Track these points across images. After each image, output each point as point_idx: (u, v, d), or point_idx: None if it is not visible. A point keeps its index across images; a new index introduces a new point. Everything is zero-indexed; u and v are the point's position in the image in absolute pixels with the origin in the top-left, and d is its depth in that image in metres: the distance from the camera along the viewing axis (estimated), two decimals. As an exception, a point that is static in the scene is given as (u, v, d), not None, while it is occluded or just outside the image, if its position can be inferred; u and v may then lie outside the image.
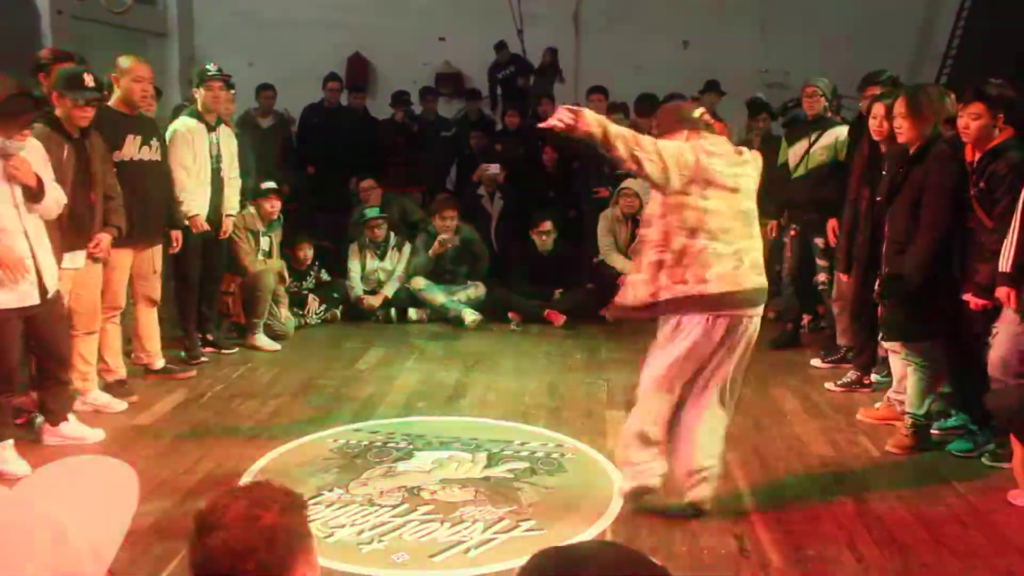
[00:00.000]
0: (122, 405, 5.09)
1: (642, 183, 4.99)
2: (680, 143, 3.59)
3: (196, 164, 5.89)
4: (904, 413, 4.63)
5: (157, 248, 5.57)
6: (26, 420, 4.64)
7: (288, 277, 7.15)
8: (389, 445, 4.56)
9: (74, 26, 8.93)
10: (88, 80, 4.63)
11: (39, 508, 1.16)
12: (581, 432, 4.79)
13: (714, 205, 3.52)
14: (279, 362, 6.24)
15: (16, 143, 4.04)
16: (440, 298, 7.45)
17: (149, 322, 5.65)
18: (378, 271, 7.66)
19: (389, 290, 7.57)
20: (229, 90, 6.59)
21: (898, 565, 3.36)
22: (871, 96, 5.54)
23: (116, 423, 4.86)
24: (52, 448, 4.41)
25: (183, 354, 6.07)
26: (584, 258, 7.82)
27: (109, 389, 5.19)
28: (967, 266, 4.33)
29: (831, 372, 5.85)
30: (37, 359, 4.50)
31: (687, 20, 10.65)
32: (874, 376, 5.55)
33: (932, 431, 4.62)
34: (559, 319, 7.33)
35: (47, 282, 4.21)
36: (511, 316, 7.39)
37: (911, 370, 4.55)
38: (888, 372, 5.23)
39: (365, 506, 3.83)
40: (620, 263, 7.21)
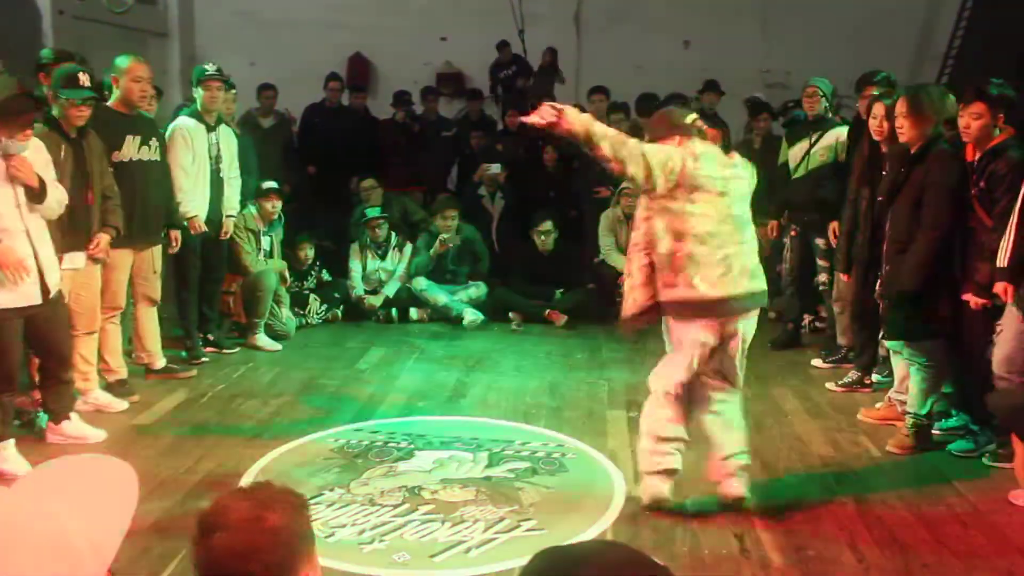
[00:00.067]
0: (123, 405, 5.10)
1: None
2: (667, 147, 3.57)
3: (195, 164, 5.88)
4: (905, 413, 4.63)
5: (157, 248, 5.57)
6: (27, 419, 4.65)
7: (289, 277, 7.16)
8: (390, 445, 4.56)
9: (75, 26, 8.94)
10: (84, 79, 4.63)
11: (38, 506, 1.15)
12: (582, 432, 4.80)
13: (700, 209, 3.51)
14: (280, 362, 6.24)
15: (18, 143, 4.04)
16: (442, 298, 7.45)
17: (149, 322, 5.65)
18: (379, 271, 7.66)
19: (390, 290, 7.58)
20: (230, 90, 6.60)
21: (899, 565, 3.36)
22: (869, 96, 5.55)
23: (117, 423, 4.86)
24: (54, 447, 4.42)
25: (184, 354, 6.07)
26: (585, 258, 7.82)
27: (110, 389, 5.19)
28: (967, 265, 4.33)
29: (832, 372, 5.85)
30: (38, 359, 4.51)
31: (688, 20, 10.66)
32: (875, 376, 5.55)
33: (933, 431, 4.62)
34: (560, 319, 7.33)
35: (49, 282, 4.21)
36: (512, 316, 7.40)
37: (914, 370, 4.55)
38: (889, 372, 5.23)
39: (366, 506, 3.83)
40: (621, 263, 7.18)
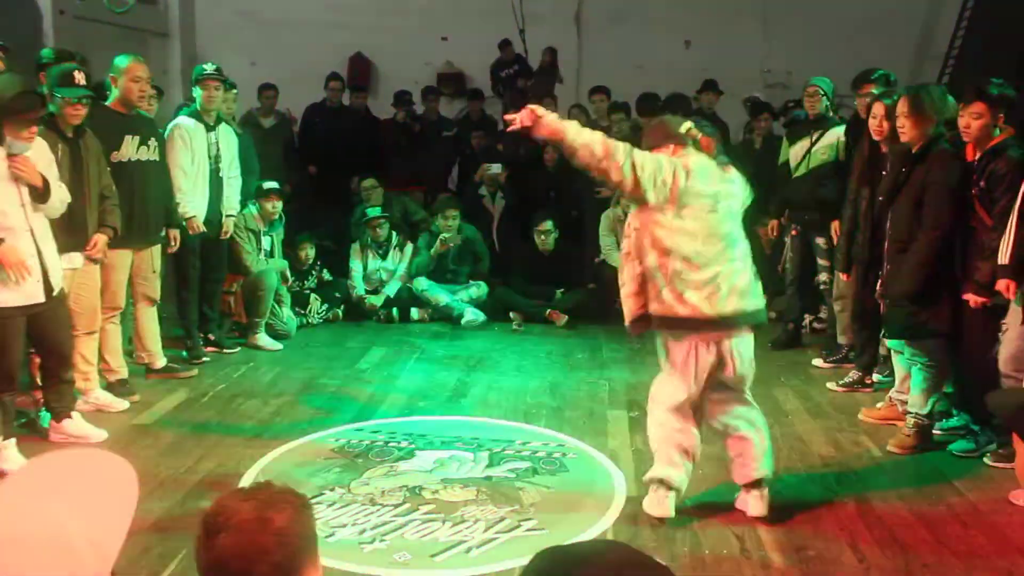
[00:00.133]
0: (124, 404, 5.10)
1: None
2: (660, 157, 3.54)
3: (194, 164, 5.87)
4: (906, 413, 4.63)
5: (156, 248, 5.56)
6: (28, 419, 4.66)
7: (290, 276, 7.16)
8: (391, 444, 4.56)
9: (76, 26, 8.94)
10: (79, 78, 4.62)
11: (35, 505, 1.11)
12: (583, 432, 4.80)
13: (690, 226, 3.46)
14: (281, 362, 6.24)
15: (23, 142, 4.05)
16: (443, 298, 7.45)
17: (149, 322, 5.64)
18: (380, 271, 7.66)
19: (391, 290, 7.57)
20: (230, 90, 6.59)
21: (899, 565, 3.36)
22: (866, 94, 5.55)
23: (118, 422, 4.87)
24: (56, 447, 4.41)
25: (185, 353, 6.07)
26: (585, 258, 7.82)
27: (111, 389, 5.19)
28: (968, 265, 4.33)
29: (833, 372, 5.85)
30: (39, 357, 4.51)
31: (688, 20, 10.66)
32: (876, 376, 5.55)
33: (934, 431, 4.62)
34: (560, 319, 7.33)
35: (53, 280, 4.23)
36: (513, 316, 7.40)
37: (916, 369, 4.54)
38: (890, 372, 5.23)
39: (367, 505, 3.83)
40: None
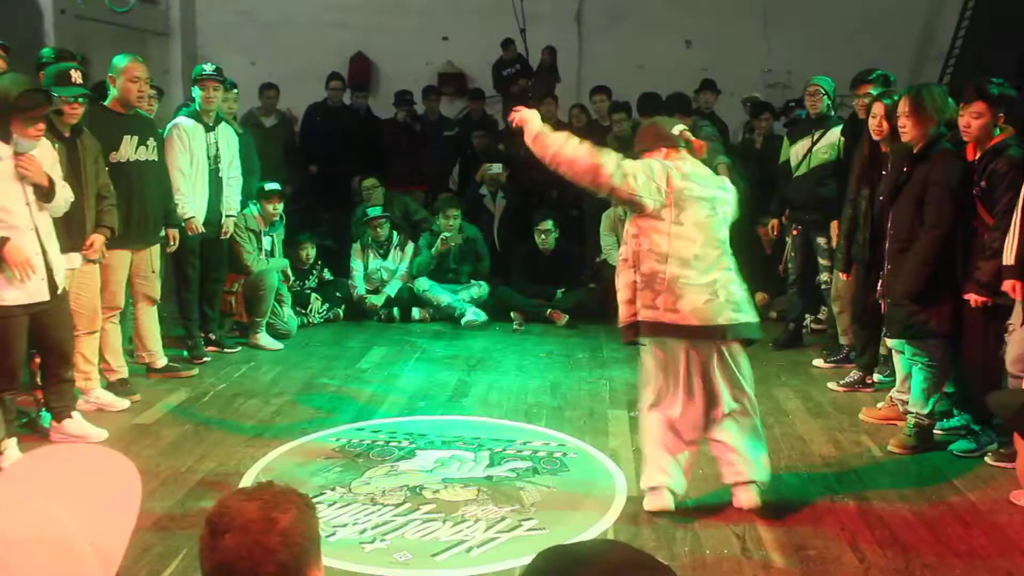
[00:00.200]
0: (124, 403, 5.10)
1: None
2: (650, 161, 3.53)
3: (194, 165, 5.85)
4: (907, 413, 4.62)
5: (155, 248, 5.54)
6: (30, 419, 4.66)
7: (291, 275, 7.16)
8: (391, 444, 4.56)
9: (77, 25, 8.95)
10: (76, 77, 4.62)
11: (33, 502, 1.04)
12: (583, 431, 4.79)
13: (689, 230, 3.45)
14: (281, 361, 6.24)
15: (30, 139, 4.06)
16: (445, 298, 7.45)
17: (149, 321, 5.64)
18: (381, 270, 7.66)
19: (392, 289, 7.57)
20: (231, 90, 6.59)
21: (900, 565, 3.36)
22: (864, 94, 5.55)
23: (118, 422, 4.86)
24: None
25: (186, 353, 6.07)
26: (586, 257, 7.82)
27: (111, 388, 5.19)
28: (969, 264, 4.33)
29: (833, 372, 5.85)
30: (40, 356, 4.51)
31: (689, 20, 10.66)
32: (877, 376, 5.55)
33: (935, 431, 4.62)
34: (561, 318, 7.33)
35: (57, 279, 4.25)
36: (513, 315, 7.40)
37: (917, 369, 4.54)
38: (891, 372, 5.23)
39: (367, 505, 3.83)
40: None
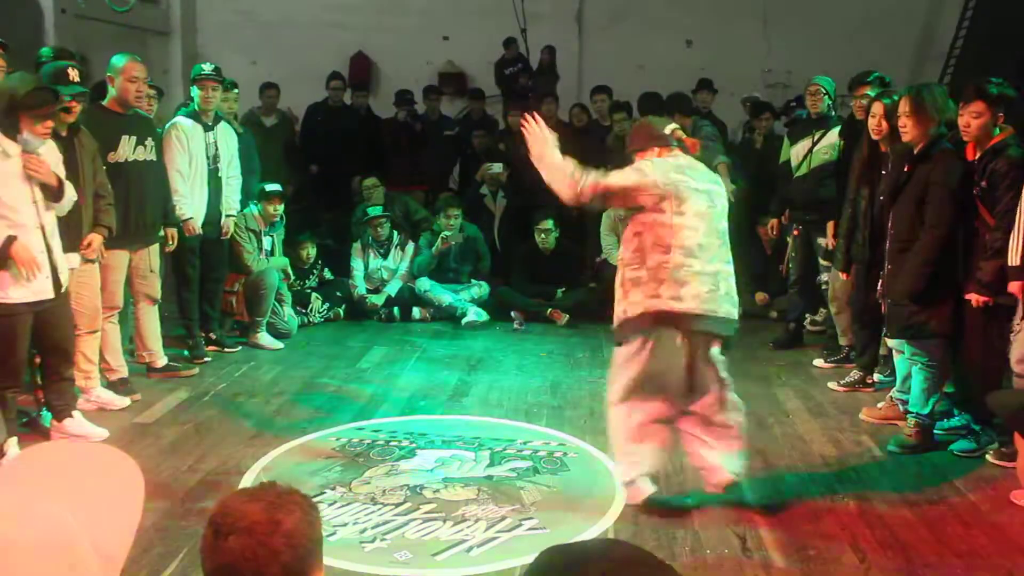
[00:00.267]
0: (125, 401, 5.10)
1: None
2: (641, 165, 3.54)
3: (193, 165, 5.83)
4: (907, 412, 4.62)
5: (153, 247, 5.52)
6: (30, 418, 4.66)
7: (291, 274, 7.16)
8: (391, 444, 4.56)
9: (77, 24, 8.95)
10: (73, 75, 4.61)
11: (31, 500, 0.99)
12: (584, 431, 4.79)
13: (690, 222, 3.47)
14: (282, 361, 6.24)
15: (39, 137, 4.08)
16: (446, 298, 7.45)
17: (150, 321, 5.63)
18: (381, 270, 7.65)
19: (392, 289, 7.57)
20: (231, 89, 6.58)
21: (900, 565, 3.36)
22: (862, 96, 5.55)
23: (118, 421, 4.86)
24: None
25: (186, 352, 6.07)
26: (587, 257, 7.82)
27: (111, 388, 5.18)
28: (970, 264, 4.33)
29: (834, 372, 5.85)
30: (41, 355, 4.51)
31: (689, 19, 10.66)
32: (877, 376, 5.54)
33: (935, 431, 4.62)
34: (562, 318, 7.33)
35: (61, 277, 4.27)
36: (514, 315, 7.39)
37: (917, 369, 4.54)
38: (891, 372, 5.22)
39: (367, 504, 3.83)
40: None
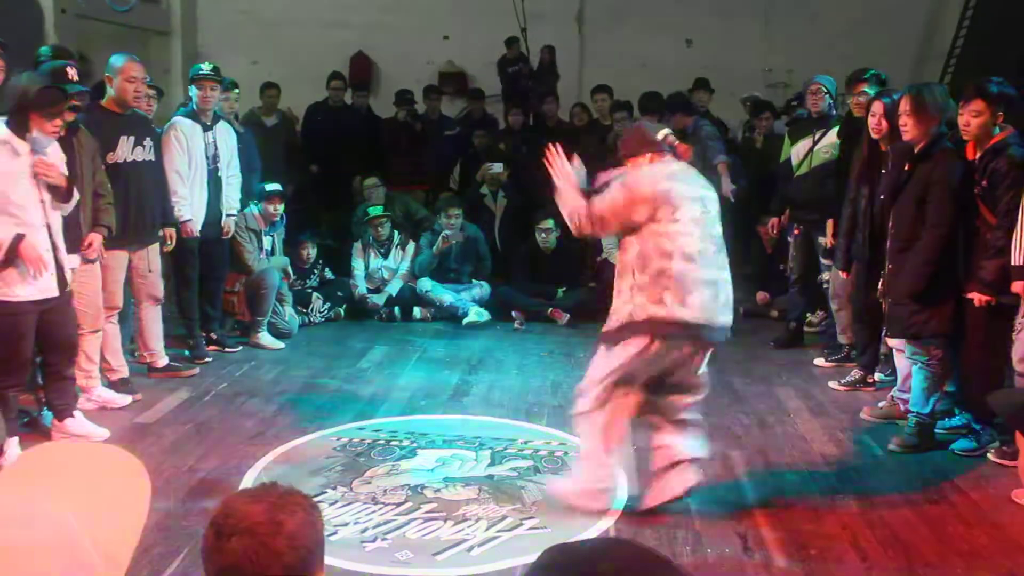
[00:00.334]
0: (126, 400, 5.10)
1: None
2: (626, 189, 3.54)
3: (192, 165, 5.81)
4: (908, 412, 4.62)
5: (153, 247, 5.50)
6: (31, 418, 4.66)
7: (292, 273, 7.15)
8: (392, 443, 4.56)
9: (78, 24, 8.94)
10: (72, 74, 4.61)
11: (34, 501, 0.97)
12: (584, 431, 4.78)
13: (687, 227, 3.47)
14: (283, 360, 6.24)
15: (49, 136, 4.09)
16: (447, 298, 7.44)
17: (152, 320, 5.63)
18: (382, 269, 7.65)
19: (393, 289, 7.57)
20: (231, 89, 6.57)
21: (901, 564, 3.36)
22: (859, 93, 5.55)
23: (119, 421, 4.86)
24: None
25: (187, 352, 6.06)
26: (587, 256, 7.81)
27: (112, 388, 5.18)
28: (972, 263, 4.33)
29: (835, 371, 5.84)
30: (43, 354, 4.51)
31: (690, 19, 10.67)
32: (878, 375, 5.54)
33: (936, 430, 4.61)
34: (562, 317, 7.33)
35: (66, 275, 4.29)
36: (514, 314, 7.39)
37: (917, 368, 4.54)
38: (892, 371, 5.22)
39: (368, 504, 3.83)
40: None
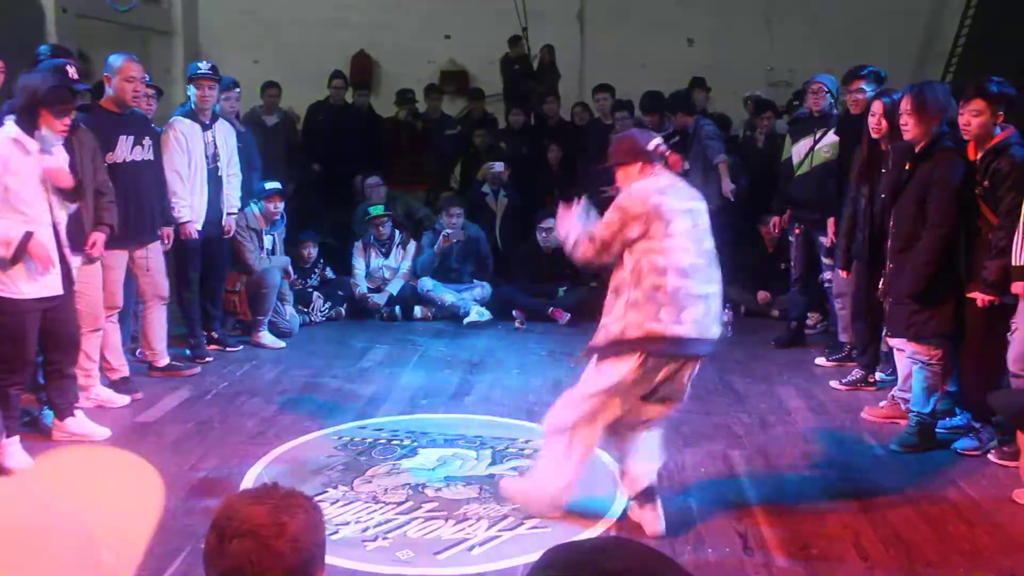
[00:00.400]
0: (125, 399, 5.10)
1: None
2: (621, 212, 3.51)
3: (192, 165, 5.80)
4: (909, 411, 4.62)
5: (153, 246, 5.49)
6: (32, 417, 4.66)
7: (292, 272, 7.16)
8: (393, 442, 4.56)
9: (79, 24, 8.94)
10: (72, 72, 4.61)
11: (56, 500, 0.95)
12: (585, 430, 4.78)
13: (680, 242, 3.46)
14: (283, 359, 6.24)
15: (57, 134, 4.11)
16: (449, 297, 7.45)
17: (157, 319, 5.61)
18: (383, 269, 7.65)
19: (394, 288, 7.57)
20: (232, 88, 6.57)
21: (903, 564, 3.36)
22: (856, 90, 5.54)
23: (120, 420, 4.87)
24: (58, 444, 4.40)
25: (188, 352, 6.06)
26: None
27: (113, 387, 5.18)
28: (973, 263, 4.32)
29: (836, 370, 5.84)
30: (44, 353, 4.51)
31: (691, 18, 10.67)
32: (879, 374, 5.54)
33: (937, 429, 4.61)
34: (563, 316, 7.33)
35: (72, 273, 4.31)
36: (515, 314, 7.39)
37: (917, 368, 4.53)
38: (892, 370, 5.22)
39: (369, 503, 3.83)
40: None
